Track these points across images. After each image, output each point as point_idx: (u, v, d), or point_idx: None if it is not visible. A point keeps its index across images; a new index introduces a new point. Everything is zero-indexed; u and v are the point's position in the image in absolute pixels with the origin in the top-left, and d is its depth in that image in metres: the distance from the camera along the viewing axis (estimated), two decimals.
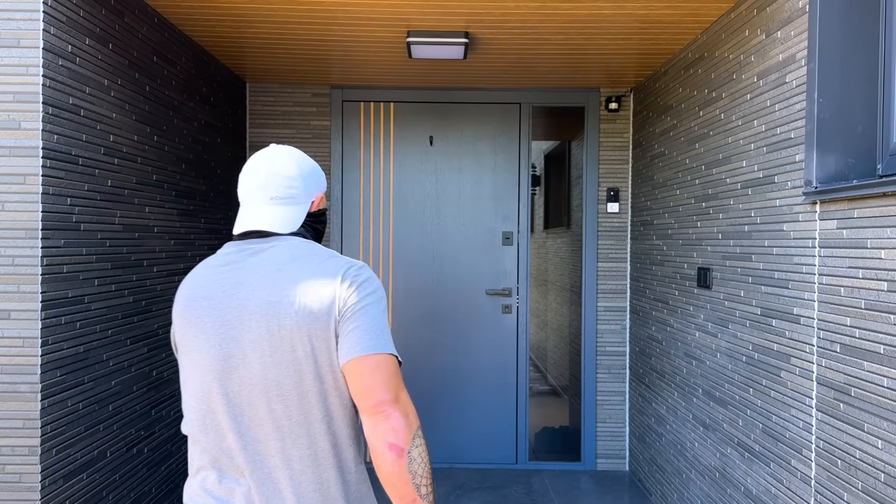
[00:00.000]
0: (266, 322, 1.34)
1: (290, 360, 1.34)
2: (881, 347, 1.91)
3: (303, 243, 1.44)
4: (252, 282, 1.37)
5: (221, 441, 1.38)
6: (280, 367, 1.34)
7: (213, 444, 1.38)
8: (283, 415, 1.35)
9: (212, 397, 1.37)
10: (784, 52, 2.47)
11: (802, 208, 2.33)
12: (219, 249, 1.53)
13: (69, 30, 2.40)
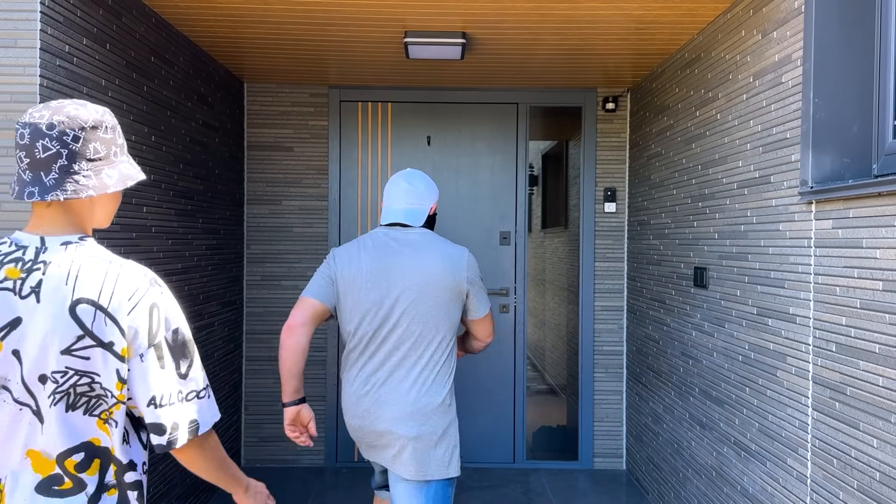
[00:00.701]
0: (412, 276, 2.29)
1: (429, 301, 2.30)
2: (876, 347, 1.92)
3: (427, 231, 2.41)
4: (407, 252, 2.33)
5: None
6: (409, 303, 2.29)
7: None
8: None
9: (372, 323, 2.31)
10: (780, 53, 2.48)
11: (798, 208, 2.34)
12: (372, 231, 2.47)
13: (66, 30, 2.40)
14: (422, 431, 2.25)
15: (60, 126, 1.29)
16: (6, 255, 1.31)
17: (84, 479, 1.31)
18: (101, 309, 1.28)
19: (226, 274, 4.12)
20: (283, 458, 4.51)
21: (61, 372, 1.27)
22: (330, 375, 4.50)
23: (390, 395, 2.26)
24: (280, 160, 4.48)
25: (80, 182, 1.31)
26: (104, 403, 1.31)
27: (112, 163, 1.37)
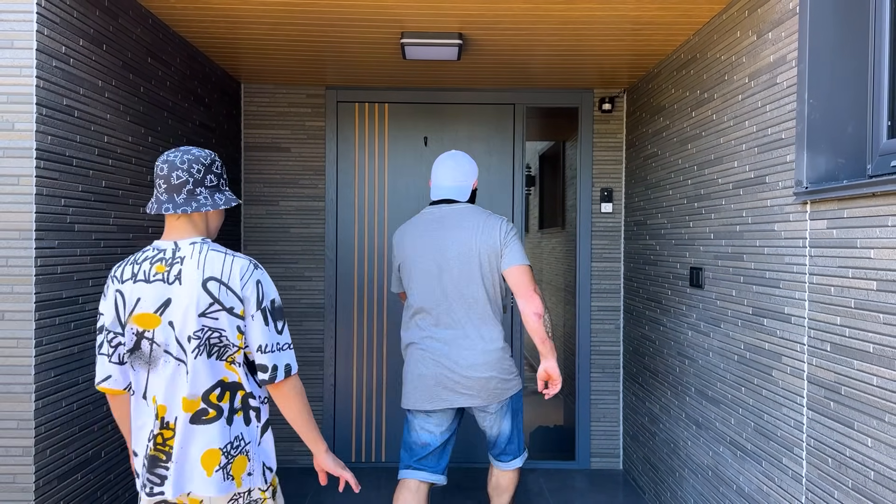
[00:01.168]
0: (460, 245, 2.73)
1: (475, 265, 2.74)
2: (871, 346, 1.93)
3: (470, 205, 2.84)
4: (453, 224, 2.76)
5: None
6: (462, 271, 2.73)
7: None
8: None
9: (435, 290, 2.77)
10: (775, 54, 2.49)
11: (793, 208, 2.35)
12: (425, 209, 2.87)
13: (63, 31, 2.41)
14: (492, 373, 2.76)
15: (189, 163, 1.89)
16: (153, 257, 1.88)
17: (221, 406, 1.89)
18: (224, 284, 1.85)
19: None
20: (280, 458, 4.51)
21: (200, 330, 1.84)
22: (327, 376, 4.50)
23: (465, 349, 2.74)
24: (277, 161, 4.48)
25: (200, 201, 1.89)
26: (229, 350, 1.88)
27: (220, 190, 1.96)
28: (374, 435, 4.56)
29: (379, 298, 4.54)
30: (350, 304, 4.53)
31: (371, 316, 4.54)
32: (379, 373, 4.55)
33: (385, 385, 4.55)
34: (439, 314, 2.75)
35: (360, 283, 4.54)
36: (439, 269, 2.73)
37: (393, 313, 4.55)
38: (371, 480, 4.30)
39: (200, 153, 1.93)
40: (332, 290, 4.50)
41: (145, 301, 1.85)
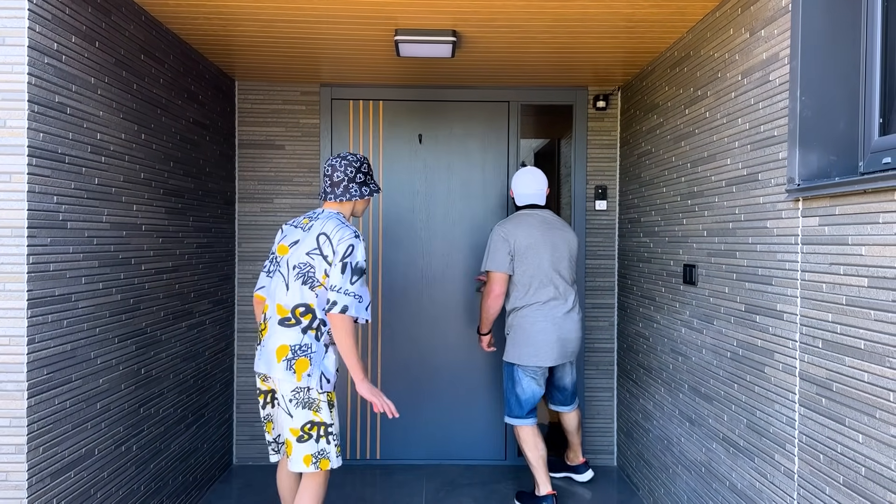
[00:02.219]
0: (561, 241, 3.72)
1: (566, 257, 3.72)
2: (862, 343, 1.94)
3: (550, 210, 3.80)
4: (554, 226, 3.74)
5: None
6: (562, 260, 3.69)
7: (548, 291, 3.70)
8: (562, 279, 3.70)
9: (549, 273, 3.66)
10: (768, 51, 2.49)
11: (785, 205, 2.36)
12: (520, 212, 3.77)
13: (55, 28, 2.40)
14: (580, 334, 3.81)
15: (345, 164, 2.91)
16: (311, 215, 2.92)
17: (301, 320, 2.75)
18: (328, 238, 2.76)
19: (217, 272, 4.12)
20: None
21: (302, 263, 2.77)
22: None
23: (569, 318, 3.71)
24: (271, 158, 4.47)
25: (351, 193, 2.90)
26: (316, 283, 2.75)
27: (365, 184, 2.93)
28: (370, 432, 4.56)
29: (374, 295, 4.54)
30: None
31: None
32: (374, 370, 4.55)
33: (379, 382, 4.55)
34: (556, 291, 3.67)
35: None
36: (552, 257, 3.66)
37: (387, 310, 4.55)
38: (366, 478, 4.30)
39: (353, 158, 2.91)
40: None
41: (287, 238, 2.90)
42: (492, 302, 3.69)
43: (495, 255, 3.65)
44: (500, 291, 3.67)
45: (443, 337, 4.55)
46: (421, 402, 4.56)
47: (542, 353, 3.64)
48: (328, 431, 2.78)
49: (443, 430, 4.57)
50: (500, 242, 3.65)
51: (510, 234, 3.66)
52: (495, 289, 3.66)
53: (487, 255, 3.71)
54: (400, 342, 4.56)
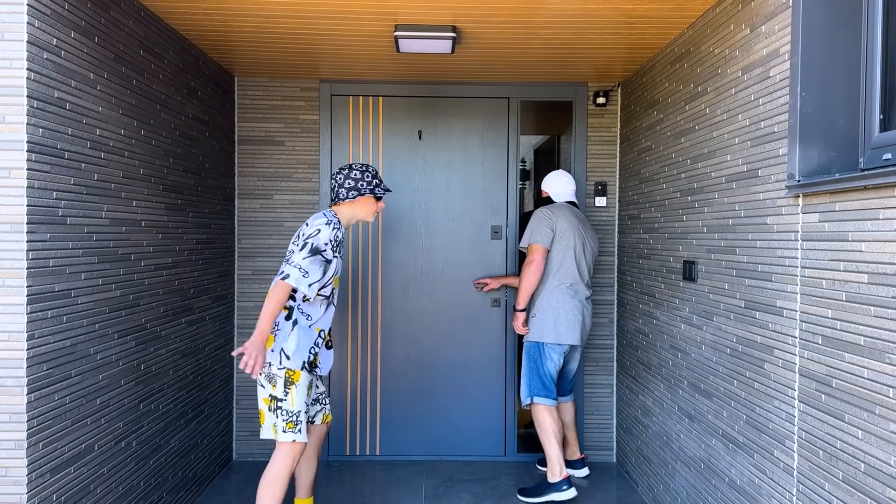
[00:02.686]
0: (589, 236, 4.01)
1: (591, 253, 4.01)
2: (862, 339, 1.94)
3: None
4: (585, 222, 4.07)
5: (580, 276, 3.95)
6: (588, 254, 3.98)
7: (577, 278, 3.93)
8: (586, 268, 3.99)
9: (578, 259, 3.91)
10: (768, 47, 2.49)
11: (785, 202, 2.36)
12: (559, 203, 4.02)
13: (54, 23, 2.39)
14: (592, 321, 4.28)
15: (340, 171, 3.17)
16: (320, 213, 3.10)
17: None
18: (305, 225, 3.02)
19: (216, 268, 4.11)
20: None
21: (287, 250, 3.15)
22: None
23: (588, 304, 3.98)
24: (271, 154, 4.47)
25: (340, 196, 3.14)
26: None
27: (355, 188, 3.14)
28: (369, 428, 4.57)
29: (374, 291, 4.54)
30: (344, 297, 4.53)
31: (366, 309, 4.54)
32: (373, 367, 4.55)
33: (379, 379, 4.55)
34: (582, 278, 3.92)
35: (353, 276, 4.53)
36: (582, 248, 3.92)
37: (386, 307, 4.55)
38: (366, 474, 4.30)
39: (347, 166, 3.17)
40: None
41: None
42: (533, 270, 3.82)
43: (538, 231, 3.85)
44: (541, 262, 3.82)
45: (442, 333, 4.55)
46: (420, 398, 4.57)
47: (569, 331, 3.84)
48: (278, 406, 2.94)
49: (442, 426, 4.57)
50: (545, 221, 3.87)
51: (553, 215, 3.89)
52: (536, 258, 3.81)
53: (530, 231, 3.88)
54: (399, 338, 4.56)
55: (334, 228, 3.01)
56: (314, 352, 3.06)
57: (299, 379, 2.97)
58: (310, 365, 3.04)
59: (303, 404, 2.99)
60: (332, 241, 2.99)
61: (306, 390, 3.02)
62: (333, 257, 3.03)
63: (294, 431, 2.97)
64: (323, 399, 3.32)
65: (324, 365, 3.20)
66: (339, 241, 3.05)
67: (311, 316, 3.05)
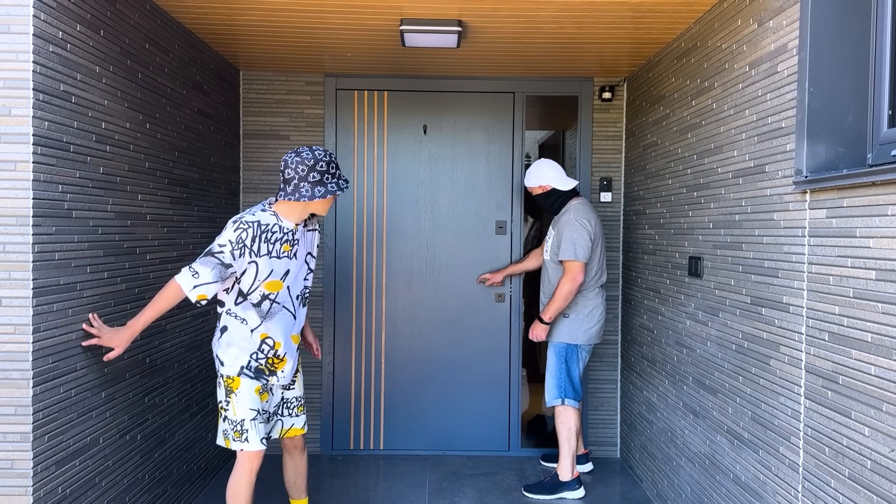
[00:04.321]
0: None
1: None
2: (869, 336, 1.93)
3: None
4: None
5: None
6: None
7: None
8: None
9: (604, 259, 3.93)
10: (776, 42, 2.47)
11: (792, 197, 2.35)
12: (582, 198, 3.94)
13: (60, 16, 2.39)
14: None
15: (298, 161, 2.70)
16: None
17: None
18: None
19: None
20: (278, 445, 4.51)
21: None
22: (326, 364, 4.51)
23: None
24: (276, 149, 4.46)
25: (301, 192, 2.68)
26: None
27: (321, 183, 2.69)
28: (373, 423, 4.57)
29: (378, 286, 4.54)
30: (349, 291, 4.53)
31: (370, 303, 4.54)
32: (378, 361, 4.56)
33: (384, 373, 4.56)
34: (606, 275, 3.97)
35: (358, 271, 4.53)
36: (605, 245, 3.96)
37: (391, 301, 4.55)
38: (370, 468, 4.31)
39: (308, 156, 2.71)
40: (330, 277, 4.50)
41: None
42: (574, 289, 3.72)
43: (581, 245, 3.70)
44: (581, 279, 3.73)
45: (447, 327, 4.55)
46: (424, 393, 4.57)
47: (598, 332, 3.89)
48: (224, 414, 2.81)
49: (446, 421, 4.57)
50: (586, 231, 3.72)
51: (590, 220, 3.77)
52: (579, 277, 3.70)
53: (572, 244, 3.70)
54: (404, 333, 4.56)
55: (240, 228, 2.65)
56: (260, 358, 2.80)
57: (239, 386, 2.77)
58: (255, 372, 2.80)
59: (247, 412, 2.77)
60: (235, 242, 2.63)
61: (254, 395, 2.79)
62: (252, 260, 2.68)
63: (241, 440, 2.77)
64: (283, 410, 3.03)
65: (288, 371, 2.92)
66: (251, 240, 2.66)
67: (246, 321, 2.77)
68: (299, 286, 2.90)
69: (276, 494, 3.86)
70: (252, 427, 2.78)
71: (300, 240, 2.85)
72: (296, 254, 2.84)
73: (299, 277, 2.89)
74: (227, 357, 2.79)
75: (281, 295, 2.82)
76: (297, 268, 2.86)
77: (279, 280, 2.78)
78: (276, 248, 2.74)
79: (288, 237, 2.79)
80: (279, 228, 2.76)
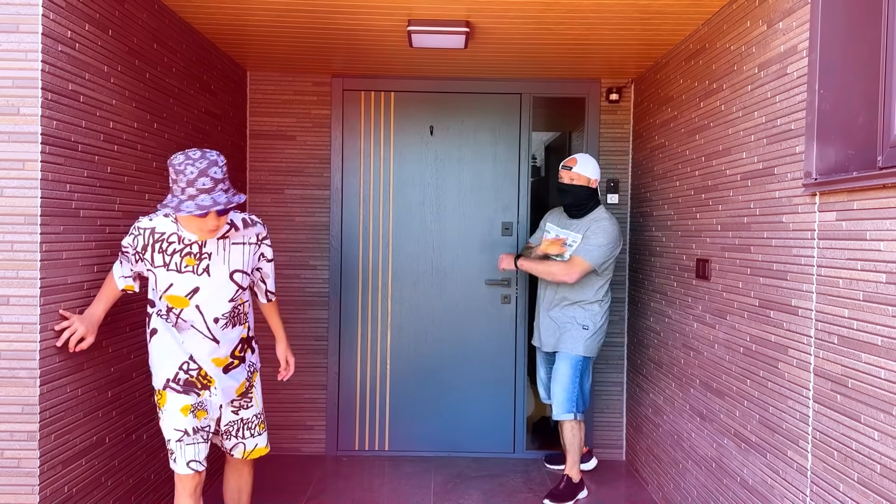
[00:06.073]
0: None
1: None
2: (879, 339, 1.92)
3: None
4: None
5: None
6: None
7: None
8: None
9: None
10: (785, 43, 2.46)
11: (802, 200, 2.33)
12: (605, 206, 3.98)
13: (68, 15, 2.39)
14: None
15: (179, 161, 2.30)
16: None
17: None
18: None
19: None
20: (283, 446, 4.52)
21: None
22: (331, 365, 4.51)
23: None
24: (282, 149, 4.47)
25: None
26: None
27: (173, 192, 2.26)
28: (378, 424, 4.57)
29: (384, 287, 4.54)
30: (355, 292, 4.53)
31: (376, 305, 4.54)
32: (383, 362, 4.55)
33: (389, 374, 4.55)
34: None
35: (364, 272, 4.53)
36: None
37: (397, 302, 4.54)
38: (375, 469, 4.31)
39: (186, 159, 2.28)
40: (336, 278, 4.50)
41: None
42: (561, 281, 3.66)
43: (603, 257, 3.64)
44: (573, 282, 3.65)
45: (452, 329, 4.55)
46: (430, 394, 4.56)
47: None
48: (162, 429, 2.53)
49: (451, 422, 4.57)
50: (615, 248, 3.69)
51: (621, 238, 3.75)
52: (574, 277, 3.61)
53: (599, 250, 3.61)
54: (409, 333, 4.55)
55: (132, 234, 2.41)
56: (191, 369, 2.50)
57: (165, 403, 2.48)
58: (186, 385, 2.49)
59: (172, 432, 2.47)
60: (130, 246, 2.42)
61: (181, 415, 2.47)
62: (151, 268, 2.41)
63: (172, 461, 2.49)
64: (244, 432, 2.73)
65: (223, 393, 2.57)
66: (142, 248, 2.39)
67: (176, 329, 2.50)
68: (219, 307, 2.48)
69: (274, 496, 3.87)
70: (178, 448, 2.47)
71: (213, 254, 2.43)
72: (206, 269, 2.42)
73: (219, 297, 2.46)
74: (155, 365, 2.50)
75: (188, 313, 2.45)
76: (213, 286, 2.44)
77: (184, 297, 2.42)
78: (175, 261, 2.39)
79: (190, 249, 2.40)
80: (178, 239, 2.39)
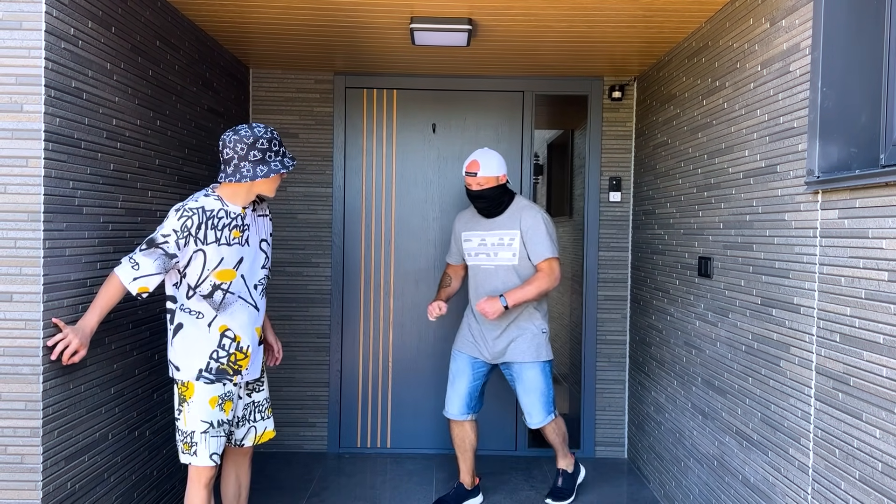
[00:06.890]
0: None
1: None
2: (881, 337, 1.91)
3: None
4: None
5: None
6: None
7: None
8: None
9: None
10: (788, 41, 2.46)
11: (804, 198, 2.33)
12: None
13: (71, 12, 2.40)
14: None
15: (236, 139, 2.52)
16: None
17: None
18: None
19: None
20: (286, 443, 4.53)
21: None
22: (333, 362, 4.51)
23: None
24: (285, 146, 4.47)
25: (243, 173, 2.52)
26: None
27: (263, 161, 2.52)
28: (380, 421, 4.57)
29: (386, 285, 4.54)
30: (357, 290, 4.53)
31: (378, 302, 4.55)
32: (385, 359, 4.56)
33: (391, 372, 4.56)
34: None
35: (367, 270, 4.54)
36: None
37: (398, 300, 4.55)
38: (377, 466, 4.31)
39: (247, 133, 2.53)
40: (339, 276, 4.51)
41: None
42: (553, 285, 3.43)
43: (555, 239, 3.48)
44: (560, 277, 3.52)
45: (454, 326, 4.55)
46: (432, 391, 4.57)
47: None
48: (176, 424, 2.60)
49: None
50: (554, 228, 3.52)
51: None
52: (559, 276, 3.45)
53: (549, 240, 3.44)
54: (411, 331, 4.56)
55: (184, 216, 2.47)
56: (221, 357, 2.59)
57: (193, 395, 2.55)
58: (218, 373, 2.58)
59: (198, 423, 2.54)
60: (179, 231, 2.45)
61: (209, 407, 2.56)
62: (199, 248, 2.50)
63: (189, 454, 2.55)
64: (255, 414, 2.83)
65: (252, 368, 2.71)
66: (196, 228, 2.48)
67: (202, 314, 2.56)
68: (256, 275, 2.70)
69: (276, 493, 3.88)
70: (202, 440, 2.54)
71: (251, 225, 2.66)
72: (248, 240, 2.64)
73: (255, 266, 2.70)
74: (183, 360, 2.56)
75: (235, 284, 2.61)
76: (251, 255, 2.67)
77: (232, 269, 2.58)
78: (226, 235, 2.56)
79: (237, 222, 2.60)
80: (226, 213, 2.56)
